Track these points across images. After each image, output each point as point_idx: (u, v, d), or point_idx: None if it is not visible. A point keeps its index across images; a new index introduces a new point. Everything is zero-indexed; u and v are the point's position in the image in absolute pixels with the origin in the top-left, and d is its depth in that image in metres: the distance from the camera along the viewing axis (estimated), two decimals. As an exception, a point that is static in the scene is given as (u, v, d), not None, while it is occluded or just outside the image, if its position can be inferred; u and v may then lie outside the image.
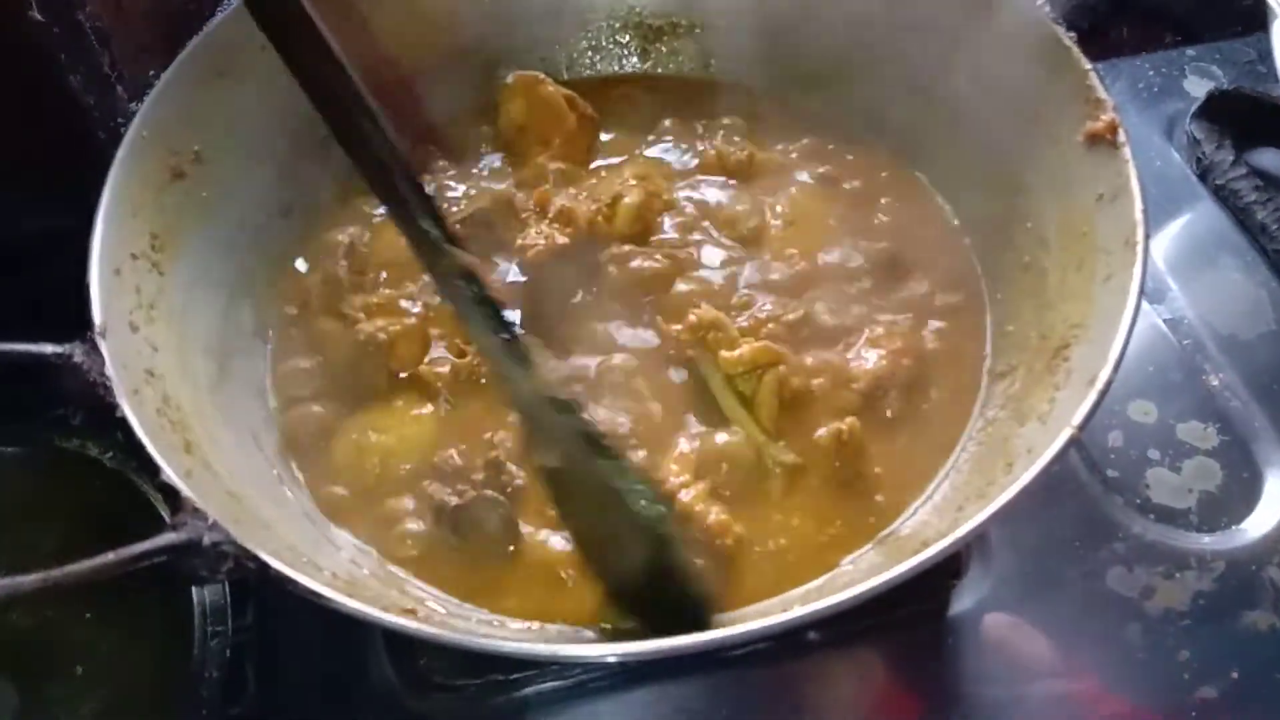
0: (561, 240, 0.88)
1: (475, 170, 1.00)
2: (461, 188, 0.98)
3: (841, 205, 0.95)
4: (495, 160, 1.01)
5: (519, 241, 0.90)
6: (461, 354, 0.87)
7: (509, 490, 0.79)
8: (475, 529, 0.78)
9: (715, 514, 0.77)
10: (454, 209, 0.94)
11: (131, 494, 0.84)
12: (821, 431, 0.80)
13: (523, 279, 0.91)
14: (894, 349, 0.84)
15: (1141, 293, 0.68)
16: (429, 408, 0.85)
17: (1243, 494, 0.89)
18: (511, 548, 0.78)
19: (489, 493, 0.78)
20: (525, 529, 0.79)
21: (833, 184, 0.96)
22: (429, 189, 0.95)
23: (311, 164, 0.93)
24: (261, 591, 0.84)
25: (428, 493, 0.79)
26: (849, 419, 0.80)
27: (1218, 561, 0.86)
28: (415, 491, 0.80)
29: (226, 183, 0.86)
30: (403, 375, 0.86)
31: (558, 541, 0.78)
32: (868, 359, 0.84)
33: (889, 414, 0.83)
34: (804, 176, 0.97)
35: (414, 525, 0.80)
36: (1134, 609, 0.83)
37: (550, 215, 0.90)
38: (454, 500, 0.78)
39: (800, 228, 0.93)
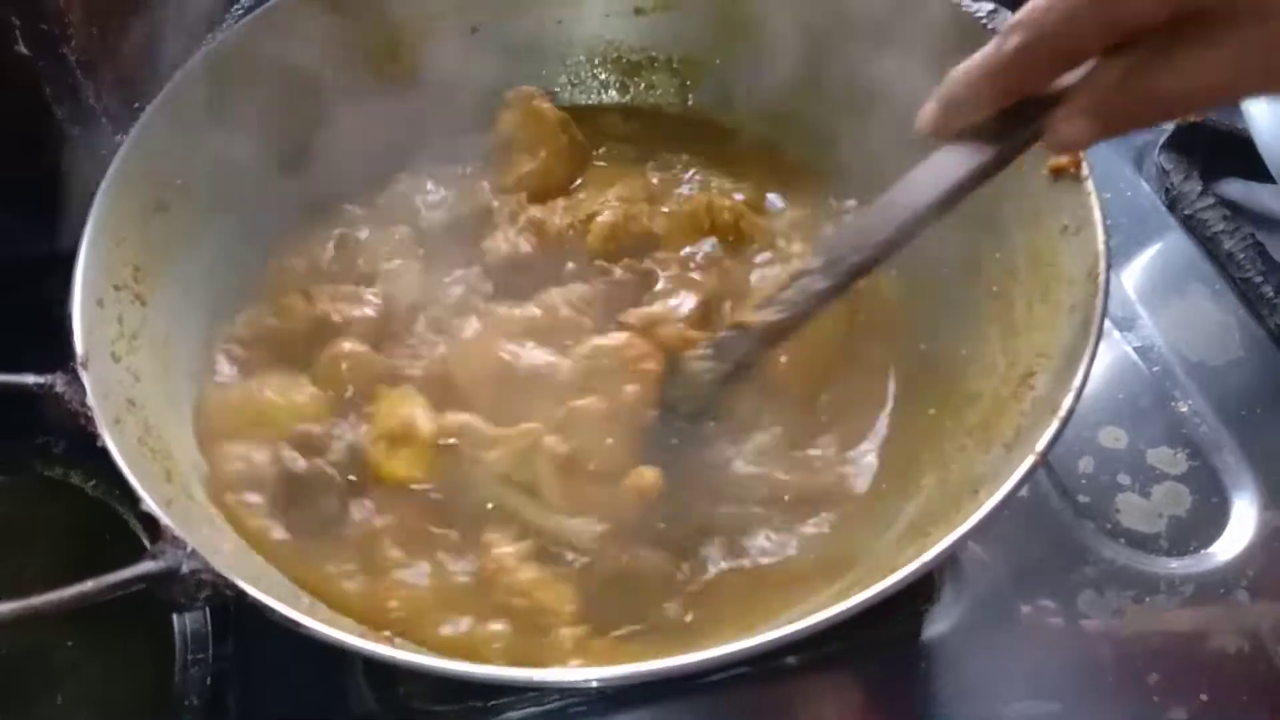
0: (525, 249, 0.89)
1: (460, 176, 1.00)
2: (443, 193, 0.98)
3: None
4: (480, 169, 1.01)
5: (483, 244, 0.91)
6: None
7: (353, 479, 0.79)
8: (304, 505, 0.78)
9: None
10: (434, 214, 0.95)
11: (115, 523, 0.84)
12: None
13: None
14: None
15: (1103, 323, 0.69)
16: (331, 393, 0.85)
17: (1211, 518, 0.91)
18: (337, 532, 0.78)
19: (329, 470, 0.78)
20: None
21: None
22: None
23: (295, 196, 0.94)
24: (243, 619, 0.85)
25: (279, 455, 0.79)
26: None
27: (1187, 585, 0.87)
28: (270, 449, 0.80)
29: (210, 214, 0.87)
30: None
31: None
32: None
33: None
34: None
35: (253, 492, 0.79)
36: (1105, 632, 0.84)
37: (520, 225, 0.91)
38: (300, 467, 0.78)
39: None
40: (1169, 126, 1.17)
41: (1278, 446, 0.94)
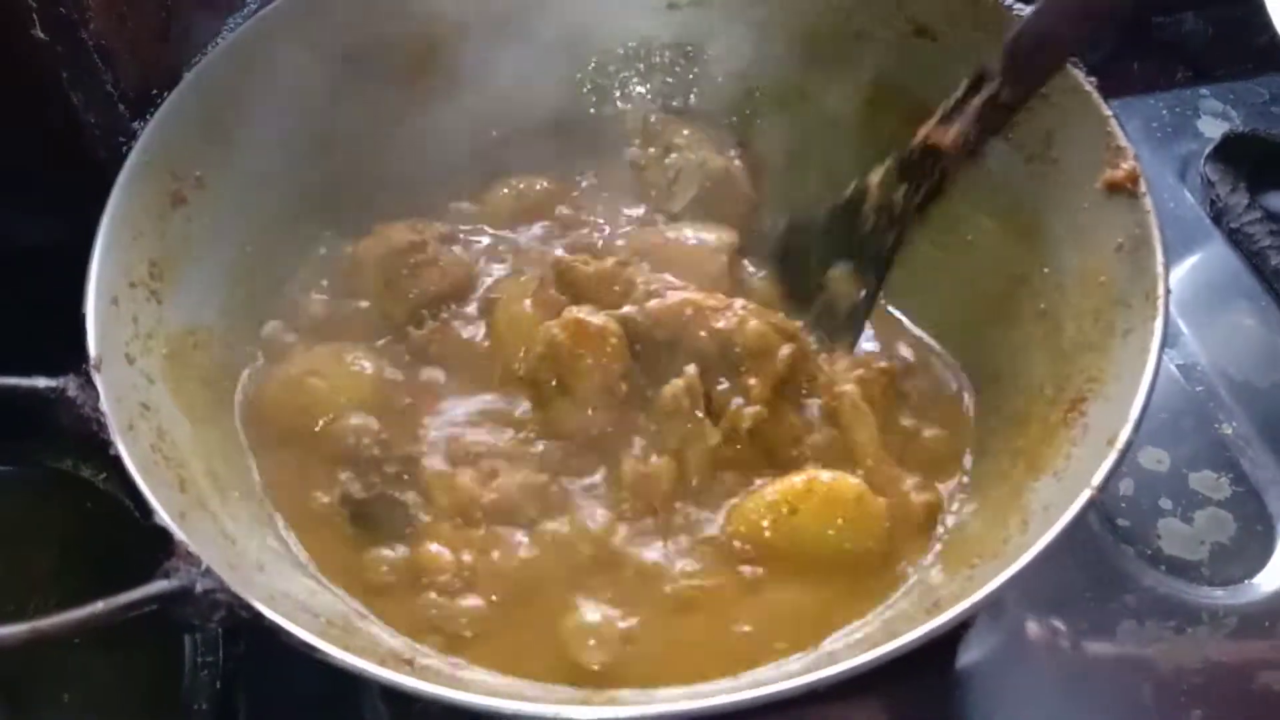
0: None
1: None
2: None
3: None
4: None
5: None
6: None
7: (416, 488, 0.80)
8: (373, 525, 0.79)
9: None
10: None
11: (124, 517, 0.82)
12: None
13: None
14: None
15: (1162, 350, 0.67)
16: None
17: (1256, 547, 0.88)
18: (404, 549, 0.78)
19: (392, 493, 0.79)
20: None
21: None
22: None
23: (315, 191, 0.92)
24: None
25: (339, 479, 0.80)
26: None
27: (1230, 617, 0.84)
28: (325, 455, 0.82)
29: (229, 209, 0.85)
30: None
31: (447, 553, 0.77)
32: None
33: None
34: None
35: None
36: (1144, 665, 0.82)
37: None
38: (360, 493, 0.79)
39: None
40: (1214, 135, 1.14)
41: (1325, 473, 0.91)
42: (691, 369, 0.80)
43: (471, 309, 0.91)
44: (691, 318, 0.83)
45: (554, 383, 0.83)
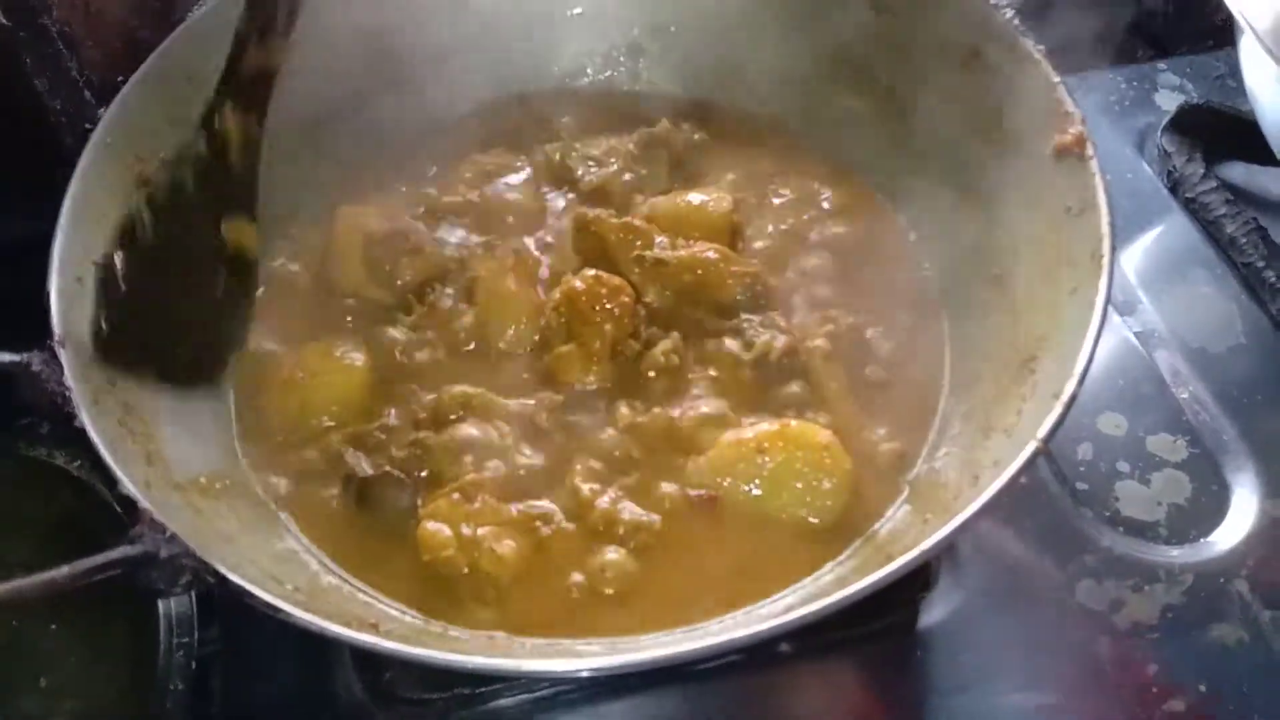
0: None
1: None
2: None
3: (808, 212, 0.97)
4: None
5: None
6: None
7: (421, 474, 0.81)
8: (377, 505, 0.80)
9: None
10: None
11: (101, 504, 0.82)
12: None
13: None
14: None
15: (1107, 306, 0.68)
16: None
17: (1211, 507, 0.90)
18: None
19: (397, 473, 0.80)
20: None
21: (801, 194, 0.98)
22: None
23: (277, 171, 0.91)
24: (228, 603, 0.83)
25: (345, 460, 0.81)
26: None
27: (1186, 574, 0.86)
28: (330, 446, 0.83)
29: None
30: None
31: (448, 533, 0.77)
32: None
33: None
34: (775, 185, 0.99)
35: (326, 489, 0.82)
36: (1103, 622, 0.83)
37: None
38: (366, 471, 0.80)
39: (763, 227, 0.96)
40: (1171, 108, 1.16)
41: (1279, 434, 0.93)
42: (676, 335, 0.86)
43: (455, 289, 0.93)
44: (717, 263, 0.89)
45: (565, 335, 0.86)
